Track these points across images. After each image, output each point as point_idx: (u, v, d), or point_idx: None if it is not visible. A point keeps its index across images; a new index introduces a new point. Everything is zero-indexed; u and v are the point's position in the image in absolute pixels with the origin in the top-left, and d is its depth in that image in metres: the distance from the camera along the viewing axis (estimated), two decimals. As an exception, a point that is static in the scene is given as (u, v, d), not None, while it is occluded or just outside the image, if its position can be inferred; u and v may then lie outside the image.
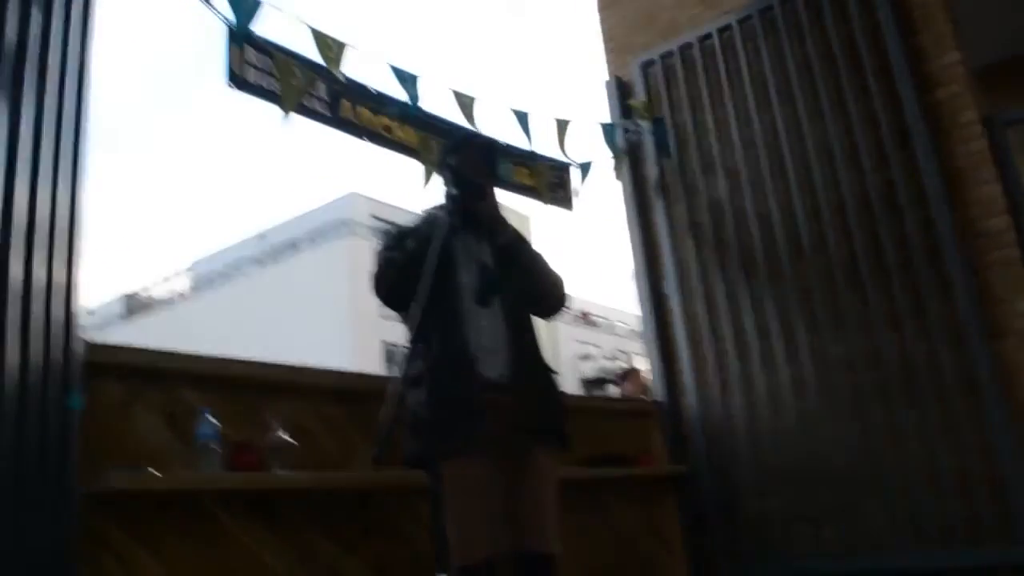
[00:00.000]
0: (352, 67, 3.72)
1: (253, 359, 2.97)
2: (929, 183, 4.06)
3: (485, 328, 2.67)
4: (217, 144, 69.30)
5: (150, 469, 2.38)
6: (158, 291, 39.95)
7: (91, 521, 2.32)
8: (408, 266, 2.63)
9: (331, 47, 3.62)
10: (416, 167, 3.96)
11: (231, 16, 3.32)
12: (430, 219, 2.85)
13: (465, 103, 4.13)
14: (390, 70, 3.88)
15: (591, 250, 78.72)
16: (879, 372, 4.12)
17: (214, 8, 3.30)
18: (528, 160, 4.64)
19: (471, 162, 2.88)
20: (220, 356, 2.88)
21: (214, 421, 2.57)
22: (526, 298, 2.83)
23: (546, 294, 2.90)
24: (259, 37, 3.43)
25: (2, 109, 2.29)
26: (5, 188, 2.24)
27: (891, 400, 4.07)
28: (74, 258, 2.42)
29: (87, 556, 2.29)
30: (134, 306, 39.95)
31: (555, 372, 2.85)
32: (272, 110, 3.42)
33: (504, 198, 3.39)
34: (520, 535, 2.55)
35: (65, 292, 2.37)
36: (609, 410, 4.96)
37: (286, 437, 2.74)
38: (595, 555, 4.01)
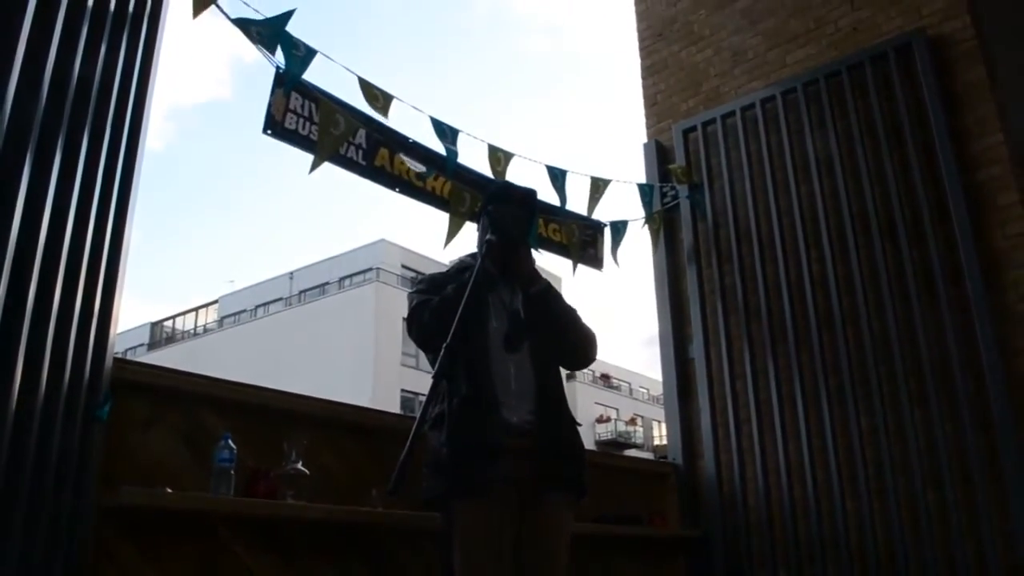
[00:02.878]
0: (394, 118, 3.74)
1: (275, 388, 2.98)
2: (966, 263, 4.03)
3: (513, 374, 2.66)
4: (254, 181, 70.15)
5: (166, 489, 2.39)
6: (183, 322, 40.39)
7: (103, 535, 2.33)
8: (442, 309, 2.63)
9: (378, 98, 3.63)
10: (444, 219, 3.94)
11: (283, 62, 3.33)
12: (464, 266, 2.85)
13: (500, 158, 4.14)
14: (431, 123, 3.87)
15: (614, 313, 78.40)
16: (903, 448, 4.05)
17: (267, 54, 3.29)
18: (561, 217, 4.65)
19: (510, 212, 2.89)
20: (243, 383, 2.91)
21: (233, 446, 2.57)
22: (555, 348, 2.81)
23: (576, 345, 2.87)
24: (308, 83, 3.44)
25: (57, 147, 2.32)
26: (52, 220, 2.28)
27: (913, 478, 3.99)
28: (111, 284, 2.48)
29: (96, 569, 2.29)
30: (159, 335, 40.35)
31: (578, 424, 2.83)
32: (306, 157, 3.39)
33: (538, 255, 3.37)
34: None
35: (99, 313, 2.41)
36: (625, 468, 4.91)
37: (301, 468, 2.74)
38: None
